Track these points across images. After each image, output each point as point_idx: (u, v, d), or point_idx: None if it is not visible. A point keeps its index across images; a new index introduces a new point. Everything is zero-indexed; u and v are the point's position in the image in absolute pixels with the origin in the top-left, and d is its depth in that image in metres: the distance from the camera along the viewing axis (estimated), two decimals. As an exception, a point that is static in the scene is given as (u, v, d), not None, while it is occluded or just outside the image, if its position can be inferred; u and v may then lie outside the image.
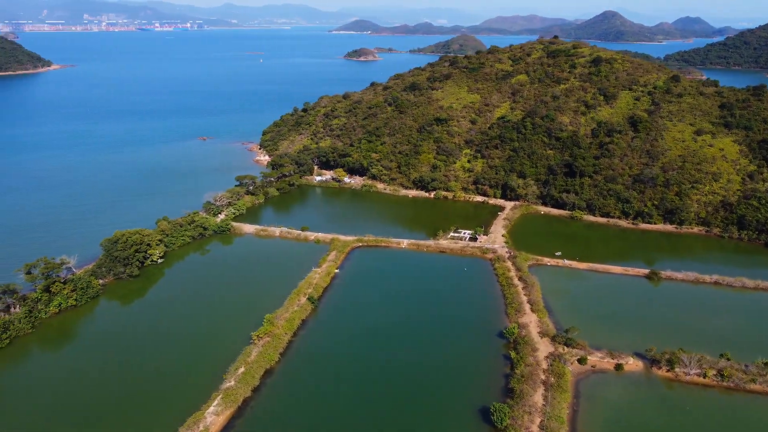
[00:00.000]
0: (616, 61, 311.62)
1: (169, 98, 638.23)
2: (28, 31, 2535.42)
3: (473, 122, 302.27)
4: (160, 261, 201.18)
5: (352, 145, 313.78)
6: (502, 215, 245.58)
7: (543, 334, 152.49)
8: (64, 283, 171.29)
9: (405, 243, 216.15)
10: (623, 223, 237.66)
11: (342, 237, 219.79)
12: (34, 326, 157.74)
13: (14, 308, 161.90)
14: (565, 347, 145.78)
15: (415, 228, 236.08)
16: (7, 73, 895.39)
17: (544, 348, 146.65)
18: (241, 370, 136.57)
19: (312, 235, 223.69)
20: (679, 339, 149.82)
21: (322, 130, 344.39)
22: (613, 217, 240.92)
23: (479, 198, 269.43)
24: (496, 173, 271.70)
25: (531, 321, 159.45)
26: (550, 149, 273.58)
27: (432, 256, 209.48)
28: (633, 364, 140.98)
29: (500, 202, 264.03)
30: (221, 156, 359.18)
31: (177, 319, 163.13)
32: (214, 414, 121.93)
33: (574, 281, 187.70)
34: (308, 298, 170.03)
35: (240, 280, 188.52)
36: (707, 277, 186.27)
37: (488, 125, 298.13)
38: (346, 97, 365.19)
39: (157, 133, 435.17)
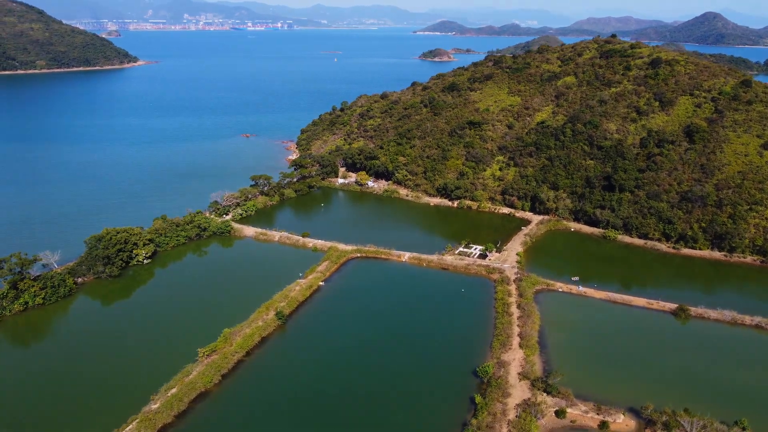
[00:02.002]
0: (678, 63, 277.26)
1: (231, 95, 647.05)
2: (132, 29, 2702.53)
3: (510, 127, 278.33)
4: (146, 261, 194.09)
5: (381, 148, 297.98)
6: (524, 230, 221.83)
7: (523, 376, 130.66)
8: (35, 280, 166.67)
9: (406, 256, 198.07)
10: (663, 246, 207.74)
11: (340, 246, 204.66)
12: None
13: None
14: (544, 394, 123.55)
15: (426, 239, 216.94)
16: (94, 68, 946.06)
17: (519, 393, 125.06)
18: (173, 391, 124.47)
19: (311, 242, 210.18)
20: (692, 394, 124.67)
21: (356, 130, 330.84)
22: (652, 238, 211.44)
23: (506, 210, 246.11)
24: (527, 183, 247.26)
25: (515, 359, 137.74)
26: (591, 159, 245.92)
27: (432, 272, 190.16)
28: (623, 422, 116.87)
29: (528, 215, 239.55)
30: (257, 154, 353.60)
31: (136, 326, 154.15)
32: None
33: (584, 313, 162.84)
34: (276, 313, 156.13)
35: (219, 286, 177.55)
36: (747, 318, 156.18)
37: (526, 130, 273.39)
38: (383, 96, 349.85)
39: (205, 130, 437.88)
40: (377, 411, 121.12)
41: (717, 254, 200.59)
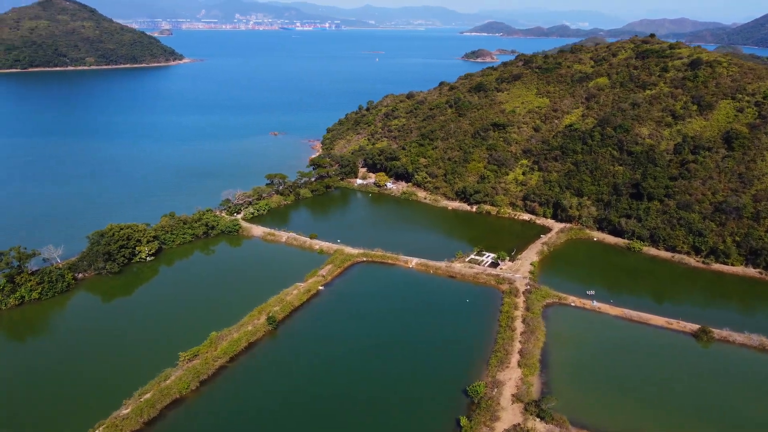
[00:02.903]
0: (720, 65, 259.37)
1: (266, 93, 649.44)
2: (185, 28, 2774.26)
3: (536, 129, 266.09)
4: (149, 259, 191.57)
5: (404, 148, 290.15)
6: (543, 238, 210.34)
7: (517, 398, 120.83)
8: (33, 274, 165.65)
9: (413, 262, 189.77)
10: (691, 260, 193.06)
11: (347, 249, 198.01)
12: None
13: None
14: (537, 420, 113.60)
15: (438, 245, 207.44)
16: (140, 65, 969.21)
17: (509, 417, 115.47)
18: (147, 396, 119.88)
19: (317, 244, 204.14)
20: (705, 427, 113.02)
21: (380, 130, 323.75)
22: (680, 252, 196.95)
23: (526, 216, 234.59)
24: (550, 189, 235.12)
25: (511, 378, 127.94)
26: (619, 165, 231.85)
27: (439, 280, 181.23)
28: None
29: (549, 222, 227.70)
30: (282, 152, 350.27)
31: (127, 325, 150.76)
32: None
33: (595, 330, 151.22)
34: (267, 318, 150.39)
35: (217, 287, 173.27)
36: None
37: (553, 134, 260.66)
38: (409, 96, 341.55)
39: (236, 127, 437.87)
40: (354, 427, 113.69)
41: (751, 271, 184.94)
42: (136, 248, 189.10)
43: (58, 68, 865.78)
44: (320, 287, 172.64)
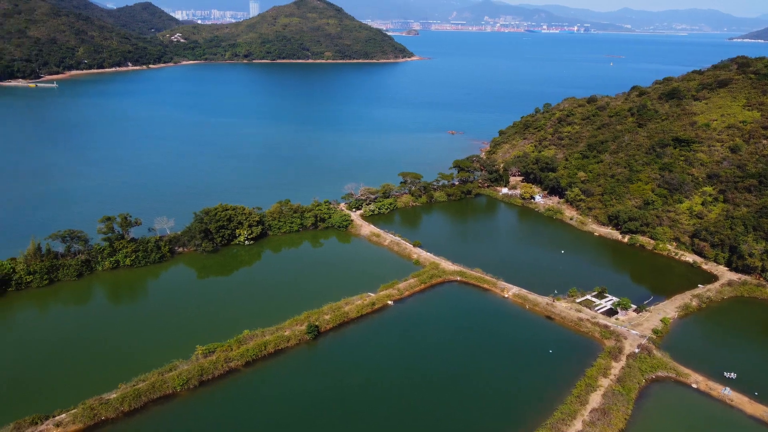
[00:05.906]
0: None
1: (468, 92, 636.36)
2: (434, 29, 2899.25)
3: (733, 150, 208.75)
4: (247, 243, 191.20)
5: (567, 159, 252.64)
6: (698, 289, 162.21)
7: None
8: (131, 242, 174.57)
9: (511, 292, 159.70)
10: None
11: (444, 263, 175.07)
12: (81, 275, 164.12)
13: (81, 255, 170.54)
14: None
15: (555, 275, 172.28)
16: (371, 60, 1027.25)
17: None
18: (141, 384, 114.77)
19: (416, 253, 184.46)
20: None
21: (550, 137, 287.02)
22: None
23: (690, 257, 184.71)
24: (731, 227, 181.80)
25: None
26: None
27: (532, 318, 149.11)
28: None
29: (719, 270, 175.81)
30: (445, 151, 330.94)
31: (181, 307, 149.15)
32: (54, 425, 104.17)
33: (711, 430, 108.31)
34: (308, 326, 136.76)
35: (292, 282, 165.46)
36: None
37: (755, 158, 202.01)
38: (591, 100, 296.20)
39: (417, 122, 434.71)
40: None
41: None
42: (236, 231, 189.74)
43: (300, 60, 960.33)
44: (389, 302, 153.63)
